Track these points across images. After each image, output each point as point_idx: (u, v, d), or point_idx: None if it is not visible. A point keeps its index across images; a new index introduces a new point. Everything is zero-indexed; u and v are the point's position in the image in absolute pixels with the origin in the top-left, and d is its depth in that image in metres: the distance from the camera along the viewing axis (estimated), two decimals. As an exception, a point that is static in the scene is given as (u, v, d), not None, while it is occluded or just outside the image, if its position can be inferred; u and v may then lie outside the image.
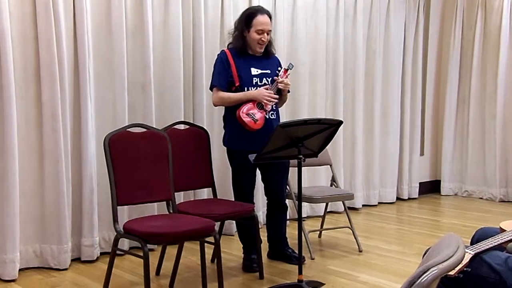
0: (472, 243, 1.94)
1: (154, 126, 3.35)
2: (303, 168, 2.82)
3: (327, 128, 2.75)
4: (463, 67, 5.69)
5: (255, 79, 3.19)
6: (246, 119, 3.08)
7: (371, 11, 5.00)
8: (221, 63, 3.19)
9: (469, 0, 5.63)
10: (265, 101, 3.11)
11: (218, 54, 3.29)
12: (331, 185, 3.96)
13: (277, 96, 3.17)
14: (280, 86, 3.19)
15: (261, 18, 3.16)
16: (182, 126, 3.42)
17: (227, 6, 3.96)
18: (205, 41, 3.87)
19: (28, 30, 3.13)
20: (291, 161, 3.34)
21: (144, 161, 2.89)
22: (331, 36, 4.71)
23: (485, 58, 5.50)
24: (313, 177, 4.61)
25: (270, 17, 3.23)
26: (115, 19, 3.41)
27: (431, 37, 5.72)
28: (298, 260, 2.79)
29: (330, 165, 3.95)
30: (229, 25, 3.89)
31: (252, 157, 2.74)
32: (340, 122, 2.79)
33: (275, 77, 3.20)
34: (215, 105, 3.29)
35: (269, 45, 3.27)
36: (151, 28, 3.57)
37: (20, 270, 3.11)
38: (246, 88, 3.16)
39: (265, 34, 3.17)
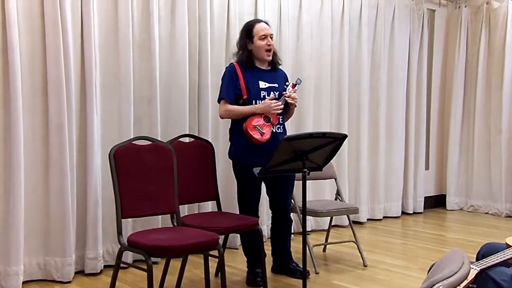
0: (477, 259, 1.93)
1: (159, 139, 3.36)
2: (307, 181, 2.81)
3: (332, 142, 2.75)
4: (468, 81, 5.70)
5: (263, 93, 3.21)
6: (253, 132, 3.09)
7: (376, 26, 5.02)
8: (230, 75, 3.21)
9: (474, 15, 5.65)
10: (272, 112, 3.12)
11: (226, 67, 3.32)
12: (335, 199, 3.95)
13: (282, 106, 3.18)
14: (288, 100, 3.20)
15: (260, 25, 3.24)
16: (187, 139, 3.43)
17: (233, 20, 3.99)
18: (211, 55, 3.90)
19: (36, 43, 3.16)
20: (296, 174, 3.33)
21: (149, 173, 2.90)
22: (336, 50, 4.73)
23: (490, 73, 5.51)
24: (317, 191, 4.60)
25: (268, 25, 3.30)
26: (122, 33, 3.44)
27: (436, 51, 5.74)
28: (303, 275, 2.77)
29: (335, 179, 3.94)
30: (235, 39, 3.91)
31: (256, 170, 2.74)
32: (345, 136, 2.79)
33: (284, 92, 3.21)
34: (222, 118, 3.30)
35: (274, 56, 3.29)
36: (157, 41, 3.60)
37: (23, 282, 3.10)
38: (254, 101, 3.18)
39: (269, 38, 3.22)
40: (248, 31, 3.24)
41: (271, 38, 3.24)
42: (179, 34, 3.72)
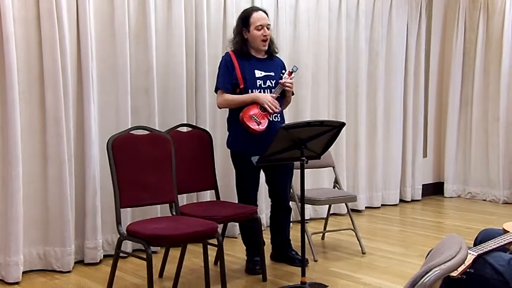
0: (475, 245, 1.94)
1: (157, 129, 3.35)
2: (306, 170, 2.82)
3: (329, 130, 2.76)
4: (466, 69, 5.69)
5: (259, 81, 3.20)
6: (249, 121, 3.09)
7: (373, 13, 5.00)
8: (226, 65, 3.20)
9: (471, 2, 5.63)
10: (266, 106, 3.11)
11: (222, 56, 3.30)
12: (334, 187, 3.96)
13: (279, 109, 3.17)
14: (284, 87, 3.19)
15: (257, 15, 3.19)
16: (185, 129, 3.43)
17: (230, 8, 3.97)
18: (208, 44, 3.88)
19: (32, 34, 3.14)
20: (294, 163, 3.34)
21: (147, 163, 2.90)
22: (334, 38, 4.71)
23: (488, 60, 5.50)
24: (316, 179, 4.61)
25: (266, 14, 3.26)
26: (118, 23, 3.42)
27: (434, 39, 5.72)
28: (301, 262, 2.79)
29: (333, 167, 3.95)
30: (232, 27, 3.90)
31: (255, 159, 2.74)
32: (343, 124, 2.80)
33: (280, 80, 3.20)
34: (220, 107, 3.30)
35: (271, 44, 3.27)
36: (153, 31, 3.58)
37: (23, 272, 3.12)
38: (250, 90, 3.17)
39: (266, 28, 3.19)
40: (244, 19, 3.21)
41: (268, 28, 3.21)
42: (176, 23, 3.70)
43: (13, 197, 3.02)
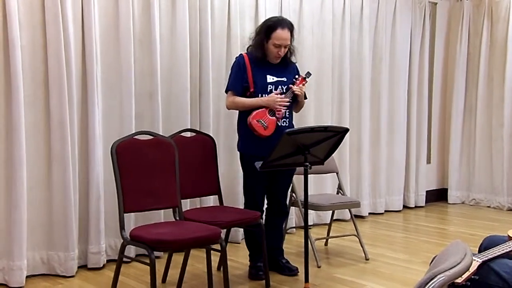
0: (480, 251, 1.93)
1: (161, 134, 3.36)
2: (309, 175, 2.82)
3: (333, 136, 2.76)
4: (470, 75, 5.69)
5: (270, 87, 3.19)
6: (256, 125, 3.09)
7: (377, 19, 5.01)
8: (238, 67, 3.19)
9: (476, 8, 5.63)
10: (277, 107, 3.11)
11: (236, 58, 3.28)
12: (337, 193, 3.95)
13: (287, 103, 3.16)
14: (295, 90, 3.17)
15: (280, 32, 3.11)
16: (188, 134, 3.43)
17: (234, 14, 3.98)
18: (212, 49, 3.89)
19: (37, 38, 3.16)
20: (297, 168, 3.33)
21: (151, 168, 2.90)
22: (337, 43, 4.72)
23: (492, 66, 5.49)
24: (319, 185, 4.61)
25: (292, 30, 3.17)
26: (123, 28, 3.44)
27: (437, 44, 5.72)
28: (305, 268, 2.78)
29: (337, 173, 3.95)
30: (236, 33, 3.92)
31: (258, 164, 2.74)
32: (347, 130, 2.80)
33: (291, 85, 3.20)
34: (228, 109, 3.30)
35: (289, 54, 3.24)
36: (158, 36, 3.59)
37: (27, 277, 3.12)
38: (260, 95, 3.16)
39: (282, 48, 3.15)
40: (268, 30, 3.13)
41: (286, 47, 3.15)
42: (180, 28, 3.72)
43: (17, 201, 3.03)
